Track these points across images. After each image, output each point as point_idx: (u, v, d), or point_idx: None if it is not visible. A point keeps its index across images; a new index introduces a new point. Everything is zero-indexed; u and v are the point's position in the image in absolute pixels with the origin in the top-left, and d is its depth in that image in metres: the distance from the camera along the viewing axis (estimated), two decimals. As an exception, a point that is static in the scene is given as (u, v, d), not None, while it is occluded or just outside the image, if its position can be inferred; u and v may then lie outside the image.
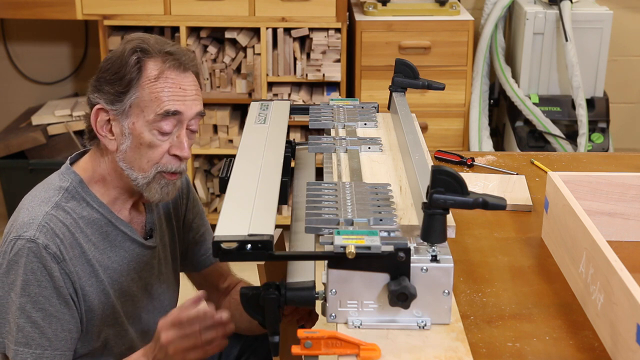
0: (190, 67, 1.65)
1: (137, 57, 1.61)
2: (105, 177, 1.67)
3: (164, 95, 1.60)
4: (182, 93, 1.62)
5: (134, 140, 1.61)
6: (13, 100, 4.21)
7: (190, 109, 1.63)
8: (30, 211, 1.59)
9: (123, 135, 1.62)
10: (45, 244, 1.54)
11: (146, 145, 1.61)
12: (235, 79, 3.61)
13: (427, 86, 1.87)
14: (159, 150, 1.62)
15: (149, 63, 1.61)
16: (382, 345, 1.23)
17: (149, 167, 1.63)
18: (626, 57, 4.14)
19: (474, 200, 1.24)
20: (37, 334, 1.55)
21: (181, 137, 1.63)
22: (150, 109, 1.60)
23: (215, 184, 3.76)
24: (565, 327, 1.38)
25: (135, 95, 1.60)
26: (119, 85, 1.60)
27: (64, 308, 1.57)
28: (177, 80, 1.62)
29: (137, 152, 1.62)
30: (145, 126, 1.60)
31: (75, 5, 3.51)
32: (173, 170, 1.64)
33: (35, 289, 1.55)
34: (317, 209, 1.35)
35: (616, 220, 1.69)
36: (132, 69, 1.60)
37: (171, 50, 1.64)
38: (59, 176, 1.67)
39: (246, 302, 1.33)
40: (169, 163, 1.64)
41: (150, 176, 1.63)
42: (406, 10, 3.64)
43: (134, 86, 1.60)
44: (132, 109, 1.60)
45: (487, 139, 3.74)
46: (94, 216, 1.65)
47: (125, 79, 1.60)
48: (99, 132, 1.63)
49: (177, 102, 1.61)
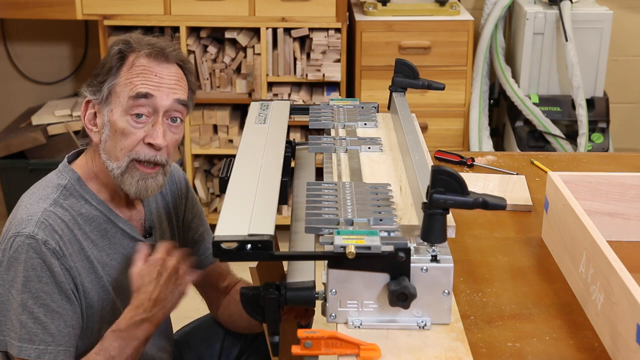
0: (172, 59, 1.65)
1: (119, 48, 1.64)
2: (98, 173, 1.67)
3: (137, 80, 1.61)
4: (156, 80, 1.62)
5: (111, 128, 1.62)
6: (13, 100, 4.21)
7: (166, 96, 1.62)
8: (28, 208, 1.59)
9: (104, 126, 1.63)
10: (44, 240, 1.55)
11: (120, 133, 1.61)
12: (235, 79, 3.61)
13: (427, 86, 1.87)
14: (133, 137, 1.61)
15: (131, 55, 1.64)
16: (382, 345, 1.23)
17: (122, 155, 1.62)
18: (626, 57, 4.14)
19: (474, 200, 1.24)
20: (40, 329, 1.55)
21: (156, 126, 1.62)
22: (124, 94, 1.61)
23: (215, 184, 3.76)
24: (565, 327, 1.38)
25: (112, 82, 1.62)
26: (101, 75, 1.64)
27: (66, 303, 1.58)
28: (153, 67, 1.63)
29: (113, 140, 1.62)
30: (120, 113, 1.61)
31: (75, 5, 3.51)
32: (147, 159, 1.63)
33: (37, 285, 1.55)
34: (317, 209, 1.35)
35: (616, 220, 1.69)
36: (112, 58, 1.63)
37: (154, 42, 1.66)
38: (56, 174, 1.67)
39: (246, 302, 1.33)
40: (141, 151, 1.62)
41: (123, 165, 1.62)
42: (406, 10, 3.64)
43: (113, 74, 1.62)
44: (111, 96, 1.62)
45: (487, 139, 3.74)
46: (93, 213, 1.65)
47: (105, 68, 1.64)
48: (87, 126, 1.66)
49: (150, 86, 1.61)
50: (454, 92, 3.65)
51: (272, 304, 1.30)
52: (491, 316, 1.41)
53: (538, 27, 3.63)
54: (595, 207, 1.68)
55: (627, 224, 1.70)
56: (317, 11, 3.50)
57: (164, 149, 1.64)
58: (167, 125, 1.64)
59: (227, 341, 1.98)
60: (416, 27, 3.60)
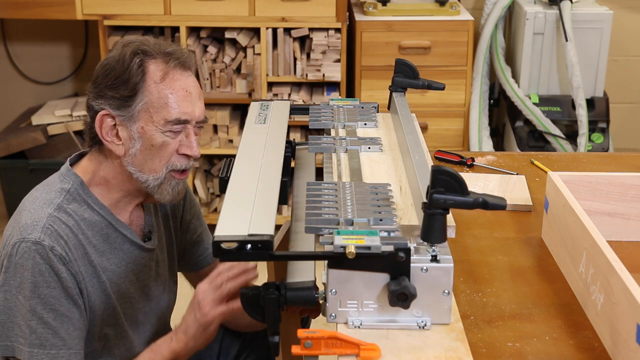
0: (190, 66, 1.66)
1: (140, 59, 1.60)
2: (110, 180, 1.66)
3: (172, 102, 1.61)
4: (189, 97, 1.63)
5: (145, 143, 1.62)
6: (13, 100, 4.21)
7: (197, 111, 1.65)
8: (32, 213, 1.59)
9: (132, 140, 1.62)
10: (51, 246, 1.54)
11: (157, 147, 1.62)
12: (235, 79, 3.61)
13: (427, 86, 1.87)
14: (169, 150, 1.63)
15: (151, 65, 1.61)
16: (382, 345, 1.23)
17: (161, 167, 1.64)
18: (626, 57, 4.14)
19: (474, 200, 1.24)
20: (50, 334, 1.55)
21: (190, 137, 1.65)
22: (159, 115, 1.61)
23: (215, 184, 3.76)
24: (565, 327, 1.38)
25: (143, 100, 1.60)
26: (124, 90, 1.60)
27: (73, 307, 1.58)
28: (182, 81, 1.63)
29: (148, 154, 1.62)
30: (156, 129, 1.61)
31: (75, 5, 3.51)
32: (183, 169, 1.66)
33: (45, 290, 1.54)
34: (317, 209, 1.35)
35: (616, 220, 1.69)
36: (135, 72, 1.60)
37: (171, 50, 1.64)
38: (59, 177, 1.67)
39: (246, 302, 1.33)
40: (178, 162, 1.65)
41: (162, 177, 1.64)
42: (406, 10, 3.64)
43: (140, 90, 1.60)
44: (141, 113, 1.61)
45: (487, 139, 3.74)
46: (95, 218, 1.65)
47: (130, 83, 1.60)
48: (105, 138, 1.63)
49: (186, 108, 1.62)
50: (454, 92, 3.65)
51: (272, 304, 1.30)
52: (491, 316, 1.41)
53: (538, 27, 3.63)
54: (595, 207, 1.68)
55: (627, 224, 1.70)
56: (317, 11, 3.50)
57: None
58: (195, 131, 1.67)
59: (226, 340, 1.98)
60: (416, 27, 3.60)
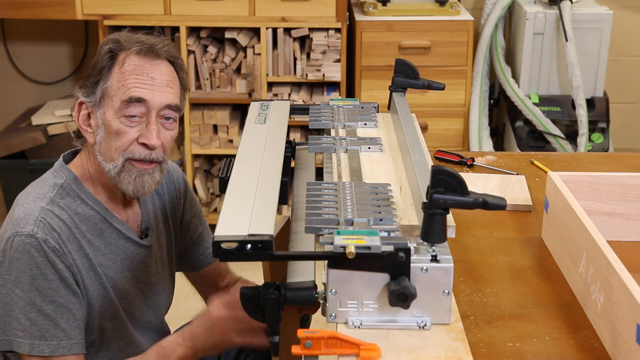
0: (163, 55, 1.65)
1: (110, 47, 1.63)
2: (93, 174, 1.67)
3: (129, 82, 1.60)
4: (149, 81, 1.62)
5: (105, 130, 1.62)
6: (13, 100, 4.21)
7: (158, 97, 1.62)
8: (25, 207, 1.59)
9: (98, 127, 1.63)
10: (44, 239, 1.55)
11: (114, 133, 1.61)
12: (235, 79, 3.61)
13: (427, 86, 1.87)
14: (126, 137, 1.61)
15: (122, 54, 1.63)
16: (382, 345, 1.23)
17: (117, 155, 1.62)
18: (626, 57, 4.14)
19: (474, 200, 1.24)
20: (50, 325, 1.56)
21: (150, 125, 1.62)
22: (117, 97, 1.61)
23: (215, 184, 3.76)
24: (565, 327, 1.38)
25: (105, 84, 1.61)
26: (93, 76, 1.63)
27: (73, 297, 1.58)
28: (145, 67, 1.62)
29: (108, 141, 1.62)
30: (114, 114, 1.61)
31: (75, 5, 3.51)
32: (142, 158, 1.63)
33: (43, 283, 1.55)
34: (317, 209, 1.35)
35: (616, 220, 1.69)
36: (103, 58, 1.62)
37: (144, 39, 1.64)
38: (52, 173, 1.68)
39: (246, 302, 1.33)
40: (136, 150, 1.62)
41: (119, 165, 1.62)
42: (406, 10, 3.64)
43: (104, 75, 1.62)
44: (104, 99, 1.62)
45: (487, 139, 3.74)
46: (89, 213, 1.65)
47: (96, 68, 1.63)
48: (81, 127, 1.66)
49: (142, 89, 1.61)
50: (454, 92, 3.65)
51: (272, 304, 1.30)
52: (491, 316, 1.41)
53: (538, 27, 3.63)
54: (595, 207, 1.68)
55: (627, 224, 1.70)
56: (317, 11, 3.50)
57: (159, 147, 1.64)
58: (161, 123, 1.65)
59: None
60: (416, 27, 3.60)
